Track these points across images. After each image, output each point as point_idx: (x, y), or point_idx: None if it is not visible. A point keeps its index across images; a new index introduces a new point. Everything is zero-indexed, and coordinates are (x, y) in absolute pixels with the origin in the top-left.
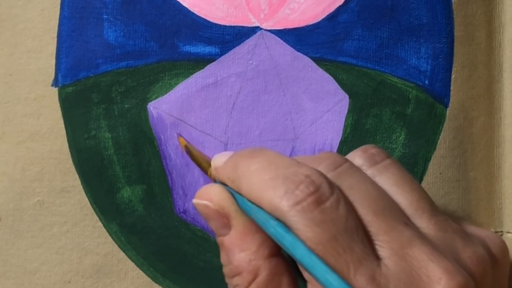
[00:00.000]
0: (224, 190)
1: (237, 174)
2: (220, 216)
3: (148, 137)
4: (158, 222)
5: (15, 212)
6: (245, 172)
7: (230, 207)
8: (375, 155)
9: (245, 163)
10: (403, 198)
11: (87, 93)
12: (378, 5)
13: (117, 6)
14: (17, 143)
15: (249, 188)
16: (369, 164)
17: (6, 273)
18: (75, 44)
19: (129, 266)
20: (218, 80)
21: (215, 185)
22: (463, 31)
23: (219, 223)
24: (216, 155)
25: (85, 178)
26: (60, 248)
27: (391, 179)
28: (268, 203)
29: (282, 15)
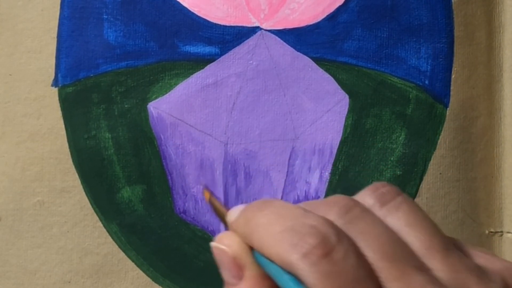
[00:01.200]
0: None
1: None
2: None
3: (148, 137)
4: (158, 222)
5: (15, 212)
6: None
7: (246, 258)
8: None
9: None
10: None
11: (87, 93)
12: (378, 5)
13: (117, 6)
14: (17, 143)
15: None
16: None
17: (6, 273)
18: (75, 44)
19: (129, 266)
20: (218, 80)
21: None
22: (463, 31)
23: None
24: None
25: (85, 178)
26: (60, 248)
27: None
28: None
29: (282, 15)
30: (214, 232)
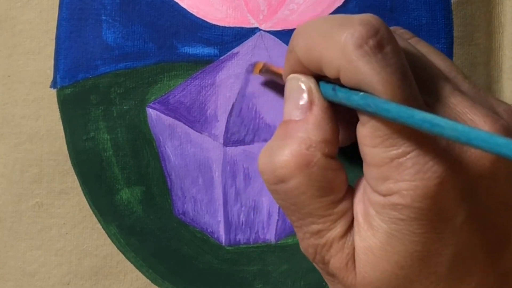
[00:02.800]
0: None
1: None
2: (304, 98)
3: (147, 138)
4: (157, 224)
5: (14, 214)
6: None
7: (316, 93)
8: (404, 34)
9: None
10: (438, 62)
11: (85, 94)
12: (377, 6)
13: (115, 7)
14: (16, 144)
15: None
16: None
17: (4, 275)
18: (73, 46)
19: (128, 268)
20: (217, 81)
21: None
22: (462, 31)
23: (299, 104)
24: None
25: (84, 179)
26: (59, 250)
27: (425, 49)
28: (337, 58)
29: (281, 16)
30: (213, 234)
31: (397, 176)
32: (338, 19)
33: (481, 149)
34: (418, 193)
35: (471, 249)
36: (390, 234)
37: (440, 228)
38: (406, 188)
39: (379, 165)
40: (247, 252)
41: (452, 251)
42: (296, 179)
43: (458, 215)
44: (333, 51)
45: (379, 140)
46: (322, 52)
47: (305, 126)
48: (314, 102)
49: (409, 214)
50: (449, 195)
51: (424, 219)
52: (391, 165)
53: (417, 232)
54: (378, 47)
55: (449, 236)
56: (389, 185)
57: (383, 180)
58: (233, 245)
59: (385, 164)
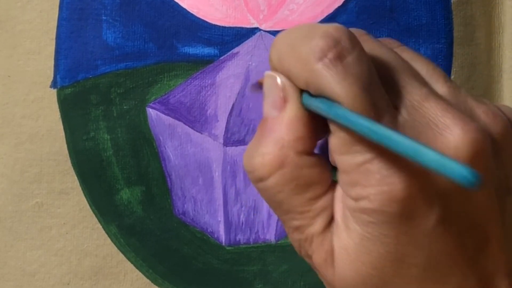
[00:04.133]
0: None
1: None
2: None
3: (147, 138)
4: (157, 224)
5: (14, 214)
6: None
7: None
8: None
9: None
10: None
11: (85, 94)
12: (377, 6)
13: (116, 8)
14: (16, 144)
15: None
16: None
17: (5, 275)
18: (73, 46)
19: (128, 268)
20: (217, 81)
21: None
22: (462, 31)
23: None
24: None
25: (84, 179)
26: (59, 250)
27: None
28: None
29: (281, 16)
30: (213, 234)
31: (365, 182)
32: (304, 30)
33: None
34: (385, 197)
35: (446, 252)
36: (363, 236)
37: (412, 230)
38: (373, 193)
39: (348, 171)
40: (247, 252)
41: (426, 253)
42: (272, 179)
43: (429, 218)
44: (298, 64)
45: (346, 147)
46: (289, 65)
47: (279, 125)
48: (288, 99)
49: (379, 218)
50: (418, 198)
51: (393, 222)
52: (359, 171)
53: (388, 234)
54: (339, 58)
55: (421, 239)
56: (358, 191)
57: (353, 185)
58: (233, 245)
59: (353, 170)
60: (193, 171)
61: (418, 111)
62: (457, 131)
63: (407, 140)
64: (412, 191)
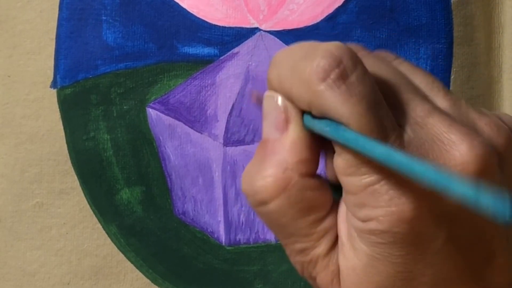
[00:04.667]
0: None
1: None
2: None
3: (147, 138)
4: (157, 224)
5: (14, 214)
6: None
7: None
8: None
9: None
10: (418, 80)
11: (85, 94)
12: (377, 6)
13: (116, 8)
14: (16, 144)
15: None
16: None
17: (5, 275)
18: (74, 46)
19: (128, 268)
20: (217, 81)
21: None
22: (462, 31)
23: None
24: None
25: (84, 179)
26: (59, 250)
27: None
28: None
29: (281, 16)
30: (213, 234)
31: (373, 203)
32: (304, 50)
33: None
34: (394, 218)
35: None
36: (372, 256)
37: (421, 250)
38: (382, 214)
39: (355, 193)
40: (247, 252)
41: (435, 271)
42: (275, 202)
43: (439, 237)
44: (300, 86)
45: (353, 169)
46: (291, 87)
47: (281, 147)
48: (290, 120)
49: (388, 238)
50: (426, 218)
51: (403, 243)
52: (366, 193)
53: (397, 254)
54: (342, 78)
55: (431, 257)
56: (366, 212)
57: (360, 207)
58: (233, 245)
59: (361, 192)
60: (193, 171)
61: (422, 128)
62: (463, 147)
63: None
64: (421, 211)
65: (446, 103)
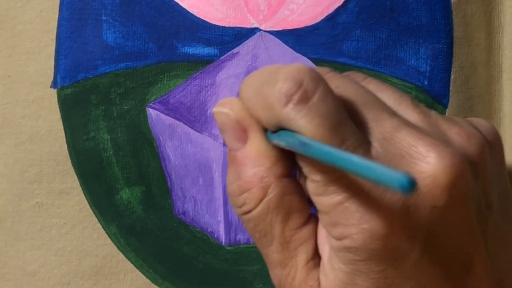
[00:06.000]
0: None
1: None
2: (238, 128)
3: (147, 138)
4: (157, 224)
5: (14, 213)
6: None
7: (250, 120)
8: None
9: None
10: (386, 97)
11: (86, 94)
12: (377, 6)
13: (116, 8)
14: (16, 144)
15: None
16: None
17: (5, 275)
18: (74, 46)
19: (128, 268)
20: (217, 81)
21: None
22: (462, 31)
23: (235, 135)
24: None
25: (84, 179)
26: (59, 250)
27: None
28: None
29: (281, 16)
30: (213, 233)
31: (345, 221)
32: (266, 74)
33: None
34: (367, 236)
35: (434, 279)
36: (351, 274)
37: (398, 264)
38: (355, 232)
39: (327, 212)
40: (247, 252)
41: (414, 283)
42: (257, 210)
43: (414, 249)
44: (265, 110)
45: (322, 189)
46: (258, 111)
47: (250, 158)
48: (248, 130)
49: (364, 255)
50: (399, 232)
51: (379, 258)
52: (338, 211)
53: (376, 270)
54: (303, 100)
55: (409, 270)
56: (340, 230)
57: (334, 225)
58: (233, 245)
59: (332, 211)
60: (193, 171)
61: (390, 142)
62: (431, 159)
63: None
64: (393, 226)
65: (415, 116)
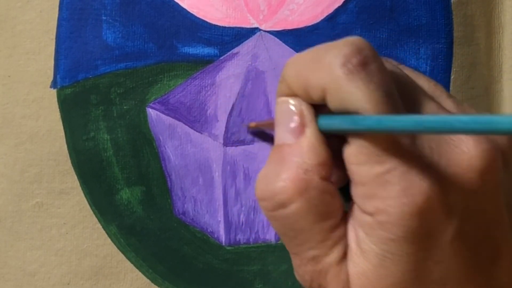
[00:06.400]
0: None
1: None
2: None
3: (147, 138)
4: (157, 224)
5: (14, 214)
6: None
7: (309, 115)
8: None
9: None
10: (421, 83)
11: (85, 94)
12: (377, 6)
13: (115, 7)
14: (16, 144)
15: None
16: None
17: (5, 275)
18: (73, 46)
19: (128, 268)
20: (217, 81)
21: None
22: (462, 31)
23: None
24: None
25: (84, 179)
26: (59, 250)
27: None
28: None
29: (281, 16)
30: (213, 233)
31: (384, 193)
32: (324, 45)
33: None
34: (405, 210)
35: (463, 266)
36: (382, 256)
37: (430, 245)
38: (393, 205)
39: (365, 183)
40: (247, 252)
41: (444, 268)
42: (295, 204)
43: (448, 231)
44: (319, 72)
45: (364, 157)
46: (308, 75)
47: (300, 150)
48: (307, 124)
49: (398, 232)
50: (437, 211)
51: (413, 237)
52: (377, 182)
53: (407, 251)
54: (362, 65)
55: (439, 253)
56: (376, 203)
57: (370, 198)
58: (233, 245)
59: (371, 182)
60: (193, 171)
61: None
62: (470, 142)
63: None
64: (432, 203)
65: (450, 103)
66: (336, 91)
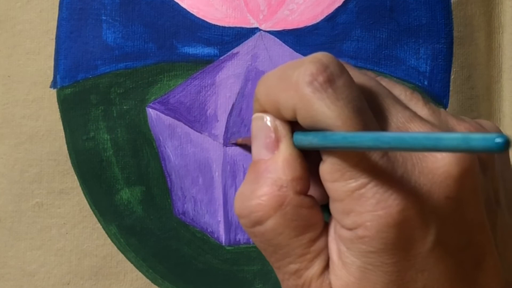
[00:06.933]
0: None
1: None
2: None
3: (147, 138)
4: (157, 224)
5: (14, 214)
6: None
7: (283, 130)
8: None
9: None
10: (398, 92)
11: (85, 94)
12: (377, 6)
13: (115, 7)
14: (16, 144)
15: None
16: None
17: (5, 275)
18: (73, 46)
19: (128, 268)
20: (217, 81)
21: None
22: (462, 31)
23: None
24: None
25: (84, 179)
26: (59, 250)
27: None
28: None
29: (281, 16)
30: (213, 233)
31: (360, 208)
32: (292, 63)
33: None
34: (382, 222)
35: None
36: (364, 268)
37: (411, 255)
38: (369, 219)
39: (342, 199)
40: (247, 252)
41: (427, 276)
42: (271, 221)
43: (427, 240)
44: (287, 92)
45: (337, 174)
46: (278, 95)
47: (274, 165)
48: (281, 139)
49: (377, 245)
50: (413, 220)
51: (393, 249)
52: (353, 198)
53: (389, 262)
54: (328, 82)
55: (421, 262)
56: (354, 218)
57: (347, 213)
58: (233, 245)
59: (347, 197)
60: (193, 171)
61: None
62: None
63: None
64: (408, 214)
65: (425, 111)
66: (306, 110)
